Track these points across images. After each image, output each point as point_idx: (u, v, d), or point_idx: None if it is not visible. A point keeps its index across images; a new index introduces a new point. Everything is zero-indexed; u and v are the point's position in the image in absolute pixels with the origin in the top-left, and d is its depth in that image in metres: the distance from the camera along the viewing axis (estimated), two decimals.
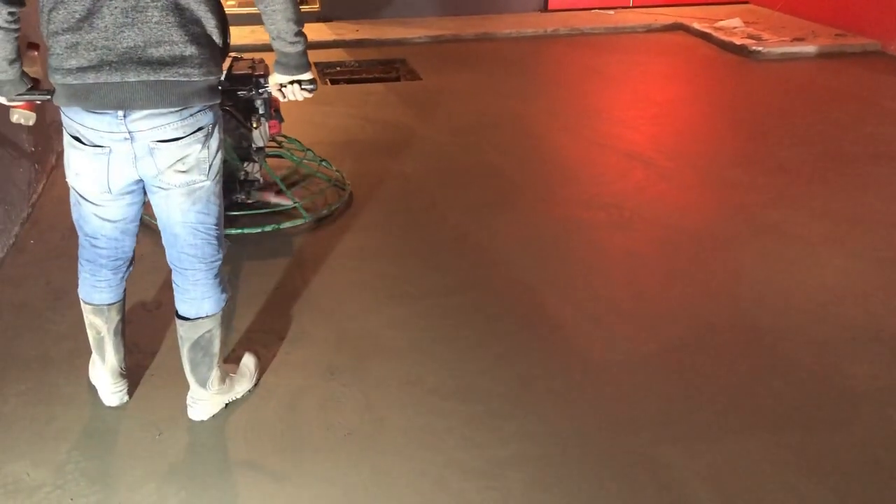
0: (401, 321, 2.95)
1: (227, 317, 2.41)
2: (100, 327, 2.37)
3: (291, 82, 2.22)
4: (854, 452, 2.29)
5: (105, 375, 2.43)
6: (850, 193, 4.05)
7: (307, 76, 2.22)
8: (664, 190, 4.12)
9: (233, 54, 3.78)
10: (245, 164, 3.70)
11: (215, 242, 2.21)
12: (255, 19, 7.36)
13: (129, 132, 1.94)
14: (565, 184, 4.22)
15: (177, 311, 2.29)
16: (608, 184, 4.22)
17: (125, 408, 2.47)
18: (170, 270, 2.27)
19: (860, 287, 3.18)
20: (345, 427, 2.40)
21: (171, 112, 1.94)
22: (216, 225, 2.19)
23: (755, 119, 5.28)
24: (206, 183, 2.09)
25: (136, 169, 2.01)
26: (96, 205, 2.12)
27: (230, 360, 2.62)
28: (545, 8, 8.58)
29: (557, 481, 2.19)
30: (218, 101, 2.07)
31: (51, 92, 2.01)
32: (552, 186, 4.18)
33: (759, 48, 6.84)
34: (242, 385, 2.51)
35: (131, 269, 2.38)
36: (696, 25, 7.71)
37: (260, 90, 3.00)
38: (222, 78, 2.07)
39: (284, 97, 2.27)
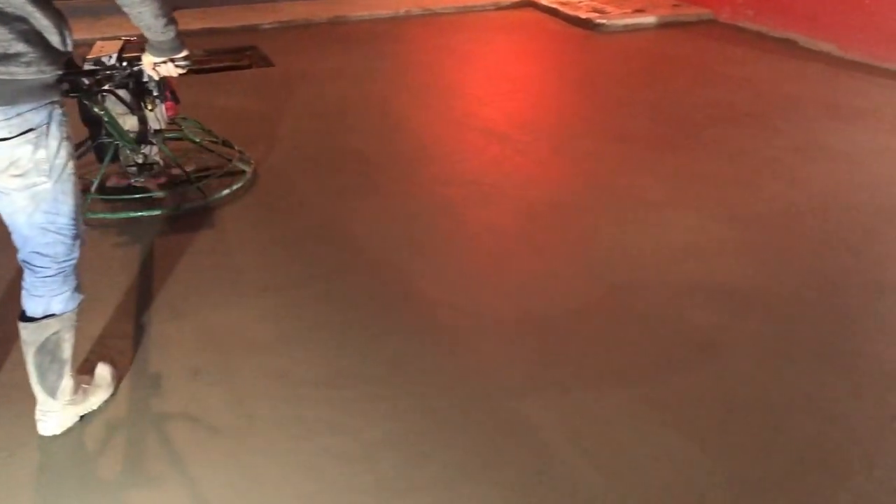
0: (266, 314, 2.89)
1: (79, 322, 2.28)
2: None
3: (165, 61, 2.31)
4: (701, 396, 2.45)
5: None
6: (692, 156, 4.30)
7: (182, 54, 2.31)
8: (520, 163, 4.23)
9: (125, 37, 3.75)
10: (143, 148, 3.65)
11: (69, 241, 2.11)
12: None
13: None
14: (426, 163, 4.25)
15: (22, 313, 2.17)
16: (467, 160, 4.28)
17: None
18: (8, 283, 2.13)
19: (703, 243, 3.39)
20: (212, 427, 2.33)
21: None
22: (69, 224, 2.10)
23: (602, 89, 5.49)
24: (47, 185, 1.99)
25: None
26: None
27: (84, 370, 2.48)
28: None
29: (430, 456, 2.21)
30: (54, 100, 1.97)
31: None
32: (413, 166, 4.20)
33: (603, 21, 7.12)
34: (98, 396, 2.39)
35: None
36: (544, 1, 7.92)
37: (134, 68, 2.98)
38: (98, 70, 2.15)
39: (159, 75, 2.38)
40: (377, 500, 2.07)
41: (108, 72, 3.31)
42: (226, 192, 3.78)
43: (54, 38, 1.91)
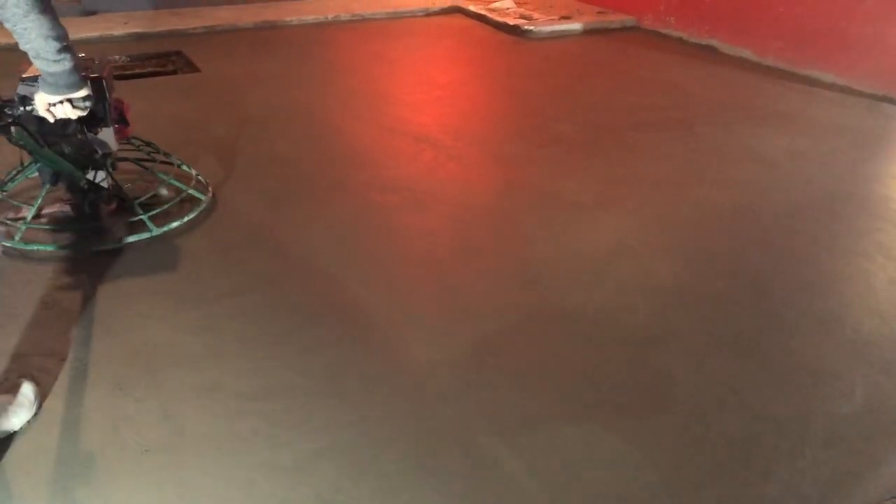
0: (196, 325, 2.82)
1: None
2: None
3: (61, 101, 2.02)
4: (634, 396, 2.50)
5: None
6: (618, 159, 4.39)
7: (80, 93, 2.03)
8: (453, 169, 4.25)
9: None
10: (88, 173, 3.37)
11: None
12: None
13: None
14: (358, 170, 4.22)
15: None
16: (400, 167, 4.28)
17: None
18: None
19: (631, 245, 3.46)
20: (142, 444, 2.26)
21: None
22: None
23: (531, 95, 5.57)
24: None
25: None
26: None
27: (4, 389, 2.38)
28: None
29: (369, 468, 2.20)
30: None
31: None
32: (345, 173, 4.17)
33: (531, 27, 7.21)
34: (20, 416, 2.29)
35: None
36: (472, 8, 7.99)
37: (26, 108, 2.24)
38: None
39: (54, 117, 2.07)
40: None
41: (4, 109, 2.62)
42: (176, 223, 3.49)
43: None
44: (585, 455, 2.25)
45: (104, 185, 3.46)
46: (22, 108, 1.99)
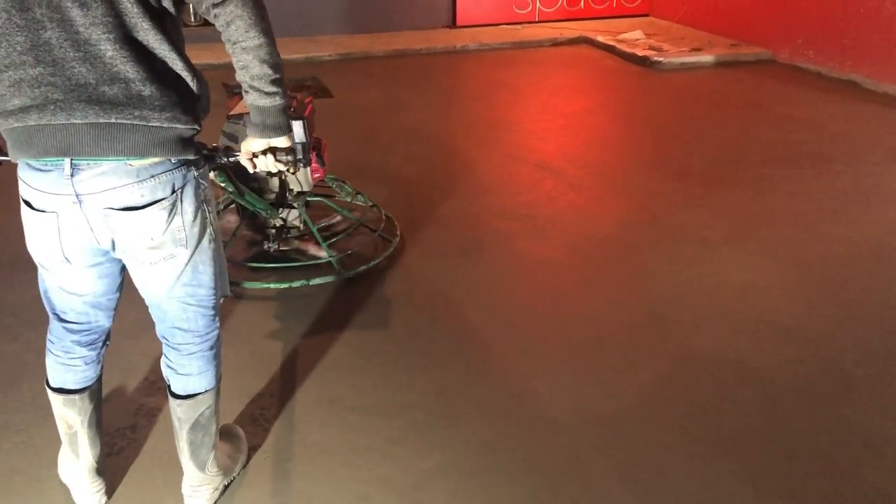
0: (316, 341, 2.93)
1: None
2: (72, 421, 2.03)
3: (265, 151, 1.82)
4: (759, 440, 2.39)
5: (80, 474, 2.10)
6: (748, 195, 4.25)
7: (283, 142, 1.81)
8: (574, 198, 4.23)
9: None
10: (281, 211, 3.41)
11: (211, 313, 1.95)
12: None
13: (77, 194, 1.65)
14: (479, 196, 4.27)
15: (170, 390, 2.02)
16: (520, 194, 4.30)
17: None
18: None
19: (761, 284, 3.33)
20: (264, 451, 2.36)
21: (126, 172, 1.66)
22: (210, 294, 1.93)
23: (658, 127, 5.48)
24: (187, 254, 1.82)
25: (94, 238, 1.73)
26: (59, 276, 1.85)
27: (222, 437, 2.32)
28: (453, 24, 8.71)
29: (482, 489, 2.20)
30: (190, 157, 1.74)
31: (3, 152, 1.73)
32: (466, 199, 4.23)
33: (660, 59, 7.11)
34: (239, 460, 2.27)
35: (108, 345, 2.08)
36: (600, 38, 7.96)
37: (230, 158, 1.93)
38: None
39: (255, 168, 1.88)
40: None
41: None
42: (363, 267, 3.38)
43: (194, 86, 1.69)
44: (703, 496, 2.17)
45: (297, 223, 3.47)
46: (226, 159, 1.87)
